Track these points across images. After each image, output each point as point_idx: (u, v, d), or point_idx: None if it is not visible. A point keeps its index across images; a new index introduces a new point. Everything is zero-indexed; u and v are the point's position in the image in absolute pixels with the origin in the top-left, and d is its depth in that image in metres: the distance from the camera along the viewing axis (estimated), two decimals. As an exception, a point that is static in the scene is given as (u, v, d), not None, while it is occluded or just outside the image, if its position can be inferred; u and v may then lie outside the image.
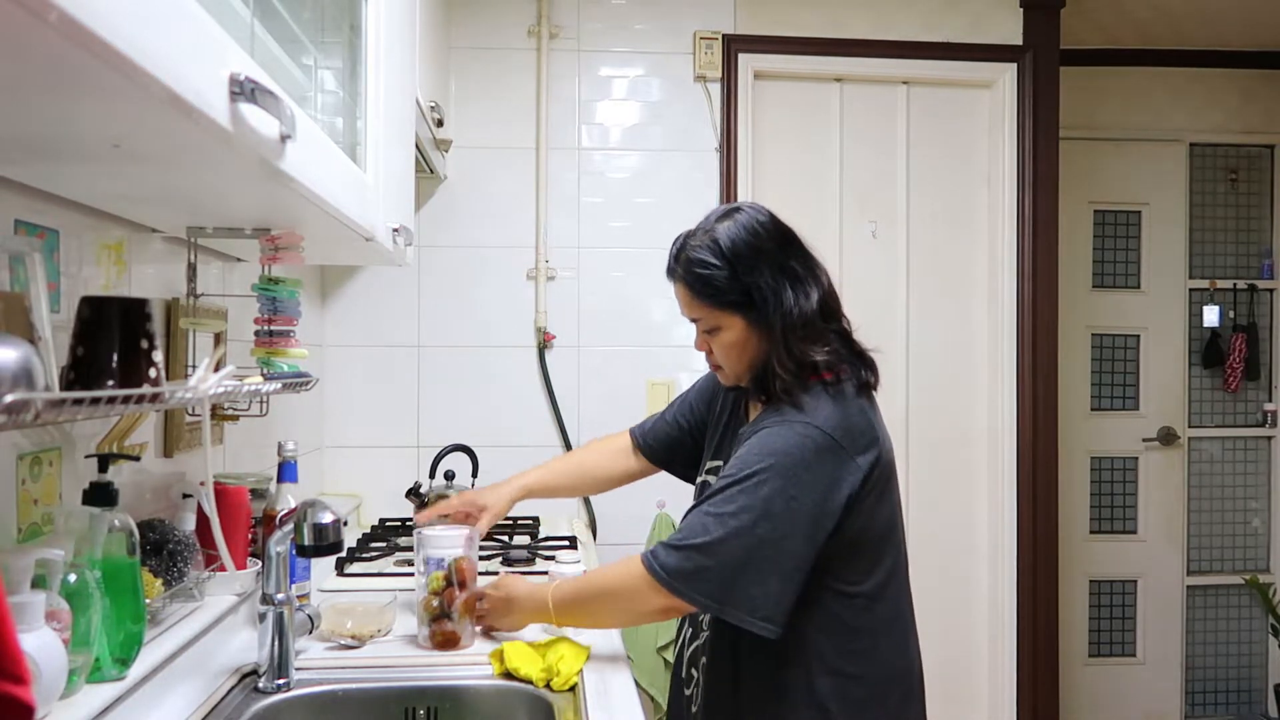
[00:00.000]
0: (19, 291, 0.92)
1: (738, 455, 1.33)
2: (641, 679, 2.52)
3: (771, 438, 1.31)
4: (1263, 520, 3.72)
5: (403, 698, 1.40)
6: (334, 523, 1.28)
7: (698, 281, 1.37)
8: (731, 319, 1.38)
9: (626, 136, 2.77)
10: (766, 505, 1.27)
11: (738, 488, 1.29)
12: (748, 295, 1.36)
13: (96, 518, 1.10)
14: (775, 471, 1.28)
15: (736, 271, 1.36)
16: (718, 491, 1.30)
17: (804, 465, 1.28)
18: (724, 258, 1.36)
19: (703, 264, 1.37)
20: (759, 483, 1.27)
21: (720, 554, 1.27)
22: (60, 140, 0.85)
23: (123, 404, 0.89)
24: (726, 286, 1.36)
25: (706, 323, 1.40)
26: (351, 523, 2.52)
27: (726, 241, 1.37)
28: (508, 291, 2.72)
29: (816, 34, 2.82)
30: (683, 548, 1.29)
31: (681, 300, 1.41)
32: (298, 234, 1.32)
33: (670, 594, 1.29)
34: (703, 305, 1.38)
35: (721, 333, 1.39)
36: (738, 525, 1.27)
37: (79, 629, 1.03)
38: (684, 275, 1.39)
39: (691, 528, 1.30)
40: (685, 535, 1.30)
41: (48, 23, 0.50)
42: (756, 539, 1.26)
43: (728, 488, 1.30)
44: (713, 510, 1.29)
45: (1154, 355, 3.64)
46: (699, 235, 1.40)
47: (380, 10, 1.44)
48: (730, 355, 1.40)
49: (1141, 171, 3.63)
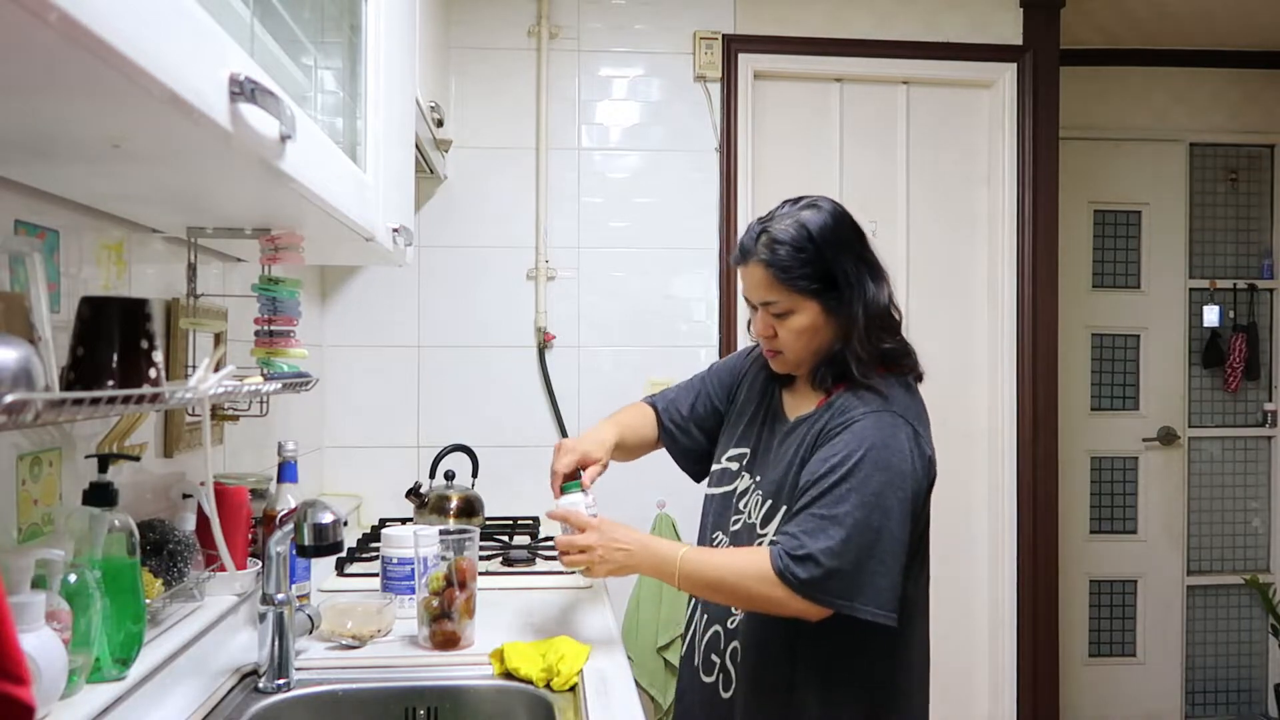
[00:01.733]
0: (19, 291, 0.92)
1: (831, 448, 1.33)
2: (641, 679, 2.52)
3: (866, 430, 1.33)
4: (1263, 520, 3.72)
5: (403, 698, 1.40)
6: (334, 523, 1.28)
7: (780, 264, 1.37)
8: (808, 304, 1.39)
9: (626, 136, 2.77)
10: (877, 498, 1.29)
11: (846, 485, 1.29)
12: (829, 281, 1.38)
13: (96, 518, 1.10)
14: (877, 464, 1.30)
15: (823, 256, 1.38)
16: (827, 490, 1.30)
17: (900, 455, 1.31)
18: (812, 242, 1.38)
19: (789, 246, 1.38)
20: (866, 477, 1.29)
21: (846, 556, 1.27)
22: (60, 140, 0.85)
23: (123, 404, 0.89)
24: (810, 271, 1.38)
25: (780, 306, 1.39)
26: (351, 523, 2.52)
27: (815, 227, 1.38)
28: (508, 291, 2.72)
29: (816, 34, 2.82)
30: (810, 557, 1.28)
31: (754, 283, 1.41)
32: (298, 234, 1.32)
33: (807, 602, 1.29)
34: (781, 288, 1.39)
35: (794, 317, 1.40)
36: (855, 523, 1.28)
37: (79, 629, 1.03)
38: (766, 258, 1.39)
39: (812, 533, 1.29)
40: (808, 543, 1.29)
41: (48, 23, 0.50)
42: (874, 533, 1.28)
43: (836, 485, 1.30)
44: (827, 512, 1.29)
45: (1154, 355, 3.64)
46: (783, 220, 1.40)
47: (380, 10, 1.44)
48: (799, 340, 1.41)
49: (1141, 171, 3.63)
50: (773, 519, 1.40)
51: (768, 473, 1.44)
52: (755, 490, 1.46)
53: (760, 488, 1.44)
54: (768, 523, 1.41)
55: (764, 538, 1.39)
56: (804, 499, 1.33)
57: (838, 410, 1.38)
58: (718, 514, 1.53)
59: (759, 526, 1.42)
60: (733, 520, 1.49)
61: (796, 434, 1.42)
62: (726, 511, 1.51)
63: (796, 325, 1.40)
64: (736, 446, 1.54)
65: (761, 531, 1.41)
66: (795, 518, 1.33)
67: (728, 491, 1.52)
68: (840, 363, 1.40)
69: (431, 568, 1.56)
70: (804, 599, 1.29)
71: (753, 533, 1.43)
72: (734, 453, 1.54)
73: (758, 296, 1.42)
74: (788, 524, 1.34)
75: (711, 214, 2.76)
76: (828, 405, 1.41)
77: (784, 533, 1.33)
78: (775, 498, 1.40)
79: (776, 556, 1.31)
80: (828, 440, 1.36)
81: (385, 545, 1.74)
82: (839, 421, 1.36)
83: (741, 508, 1.48)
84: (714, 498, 1.56)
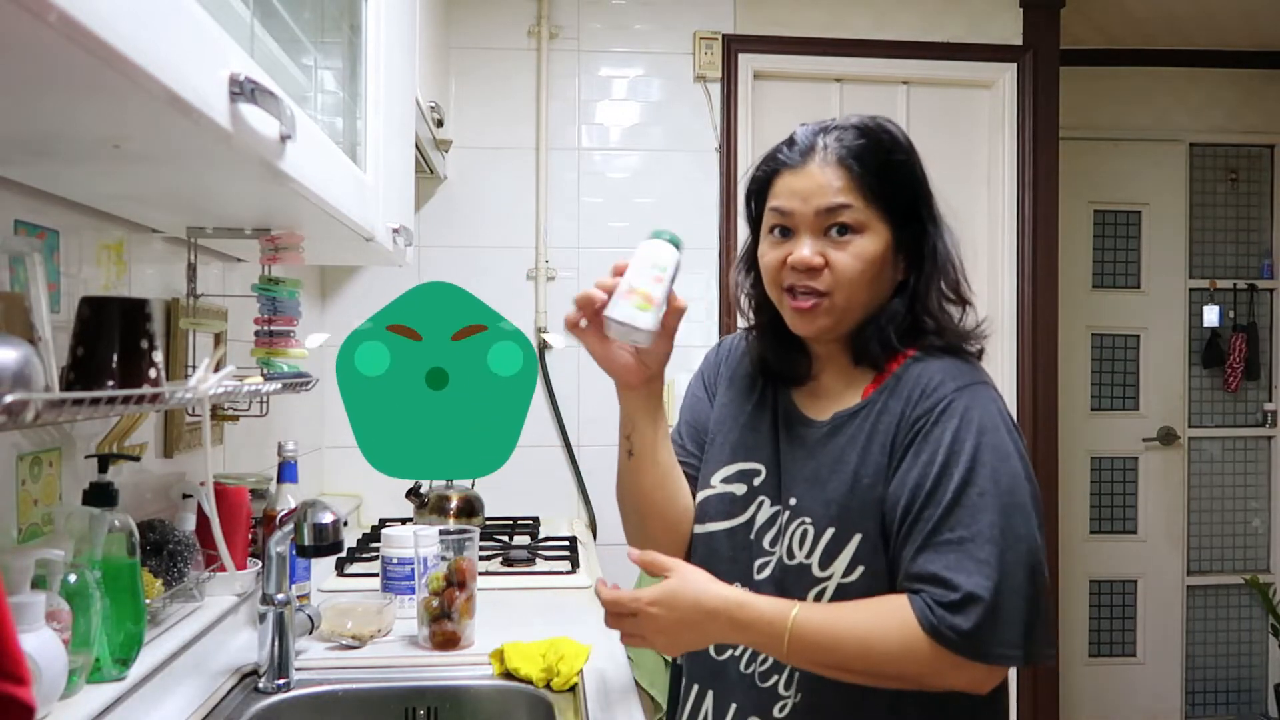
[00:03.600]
0: (19, 291, 0.92)
1: (932, 444, 1.01)
2: (641, 679, 2.52)
3: (970, 410, 1.02)
4: (1263, 520, 3.72)
5: (403, 698, 1.40)
6: (334, 523, 1.28)
7: (862, 159, 1.06)
8: (882, 227, 1.07)
9: (626, 136, 2.77)
10: (1012, 497, 0.99)
11: (975, 490, 0.98)
12: (911, 207, 1.09)
13: (96, 518, 1.10)
14: (998, 453, 1.00)
15: (912, 169, 1.10)
16: (953, 502, 0.98)
17: (1012, 436, 1.03)
18: (902, 149, 1.10)
19: (873, 143, 1.07)
20: (993, 472, 0.99)
21: (1008, 583, 0.95)
22: (60, 140, 0.85)
23: (123, 404, 0.89)
24: (896, 181, 1.08)
25: (852, 216, 1.05)
26: (351, 523, 2.51)
27: (900, 133, 1.11)
28: (508, 291, 2.72)
29: (816, 34, 2.81)
30: (970, 598, 0.94)
31: (814, 186, 1.06)
32: (298, 234, 1.32)
33: (979, 665, 0.96)
34: (859, 191, 1.05)
35: (862, 239, 1.05)
36: (1002, 534, 0.97)
37: (79, 629, 1.03)
38: (840, 152, 1.06)
39: (956, 566, 0.96)
40: (960, 580, 0.95)
41: (48, 23, 0.50)
42: (1023, 545, 0.98)
43: (962, 492, 0.98)
44: (965, 532, 0.97)
45: (1154, 355, 3.64)
46: (851, 121, 1.10)
47: (380, 10, 1.44)
48: (862, 274, 1.05)
49: (1141, 171, 3.63)
50: (839, 554, 1.03)
51: (810, 492, 1.07)
52: (793, 518, 1.08)
53: (802, 513, 1.07)
54: (832, 560, 1.04)
55: (827, 582, 1.04)
56: (921, 521, 0.99)
57: (915, 389, 1.05)
58: (730, 558, 1.13)
59: (817, 567, 1.04)
60: (759, 563, 1.11)
61: (845, 433, 1.07)
62: (743, 553, 1.12)
63: (866, 250, 1.05)
64: (735, 462, 1.16)
65: (823, 574, 1.04)
66: (920, 551, 0.98)
67: (738, 526, 1.13)
68: (896, 327, 1.08)
69: (431, 568, 1.56)
70: (973, 659, 0.95)
71: (806, 577, 1.06)
72: (732, 471, 1.16)
73: (820, 200, 1.05)
74: (912, 562, 0.98)
75: (711, 214, 2.76)
76: (888, 387, 1.07)
77: (915, 575, 0.98)
78: (839, 523, 1.04)
79: (922, 612, 0.96)
80: (919, 434, 1.02)
81: (385, 545, 1.74)
82: (929, 405, 1.03)
83: (770, 545, 1.10)
84: (714, 536, 1.15)
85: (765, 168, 1.13)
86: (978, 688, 0.98)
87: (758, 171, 1.14)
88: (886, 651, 0.97)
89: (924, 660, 0.96)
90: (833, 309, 1.07)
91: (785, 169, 1.10)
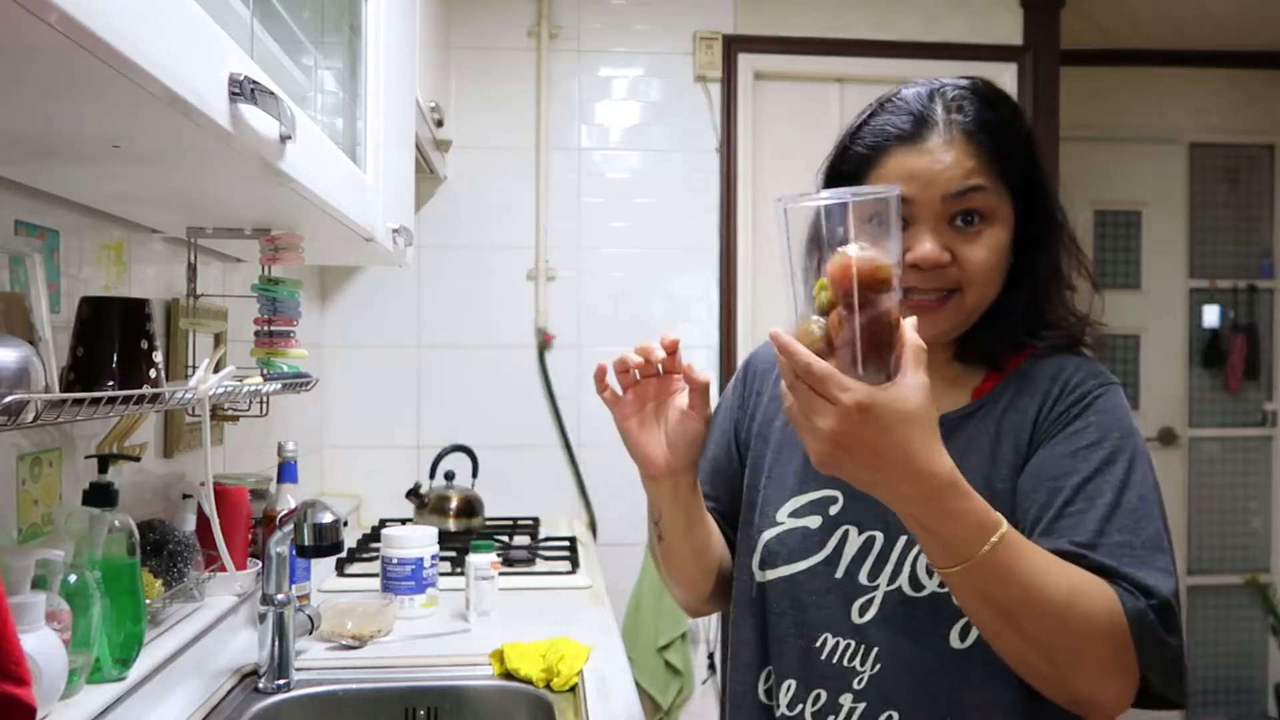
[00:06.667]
0: (19, 291, 0.92)
1: (1081, 438, 0.90)
2: (641, 679, 2.52)
3: (1115, 407, 0.92)
4: (1263, 520, 3.72)
5: (403, 698, 1.40)
6: (334, 523, 1.28)
7: (995, 130, 0.92)
8: (1009, 209, 0.93)
9: (627, 137, 2.77)
10: (1159, 505, 0.89)
11: (1135, 493, 0.88)
12: (1035, 180, 0.96)
13: (96, 518, 1.10)
14: (1139, 454, 0.90)
15: (1032, 143, 0.97)
16: (1116, 502, 0.87)
17: (1142, 438, 0.93)
18: (1019, 118, 0.97)
19: (1001, 112, 0.94)
20: (1143, 478, 0.89)
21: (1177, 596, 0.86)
22: (60, 140, 0.85)
23: (123, 404, 0.89)
24: (1025, 154, 0.95)
25: (983, 201, 0.91)
26: (351, 523, 2.52)
27: (1017, 103, 1.00)
28: (508, 291, 2.72)
29: (817, 34, 2.81)
30: (1169, 607, 0.84)
31: (944, 164, 0.90)
32: (298, 234, 1.32)
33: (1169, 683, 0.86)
34: (992, 171, 0.91)
35: (994, 226, 0.92)
36: (1167, 541, 0.87)
37: (79, 629, 1.03)
38: (976, 118, 0.92)
39: (1144, 566, 0.84)
40: (1159, 583, 0.83)
41: (48, 23, 0.50)
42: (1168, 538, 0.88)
43: (1123, 493, 0.87)
44: (1135, 538, 0.86)
45: (1154, 355, 3.64)
46: (975, 82, 0.97)
47: (380, 10, 1.44)
48: (996, 269, 0.92)
49: (1141, 171, 3.63)
50: None
51: None
52: (910, 544, 0.93)
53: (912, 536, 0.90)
54: None
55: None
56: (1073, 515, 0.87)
57: (1054, 387, 0.94)
58: (815, 604, 0.96)
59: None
60: (860, 603, 0.94)
61: (961, 437, 0.93)
62: (830, 596, 0.96)
63: (998, 241, 0.92)
64: (805, 492, 1.00)
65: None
66: (1098, 546, 0.85)
67: (818, 564, 0.97)
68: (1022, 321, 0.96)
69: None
70: (1164, 678, 0.84)
71: (943, 609, 0.90)
72: (803, 503, 1.00)
73: (948, 185, 0.90)
74: (1097, 551, 0.84)
75: (711, 214, 2.76)
76: (1010, 385, 0.96)
77: (1112, 571, 0.83)
78: None
79: (1134, 607, 0.81)
80: (1063, 427, 0.91)
81: (385, 545, 1.74)
82: (1072, 400, 0.92)
83: (869, 580, 0.94)
84: (793, 581, 0.98)
85: (870, 140, 0.94)
86: (1107, 707, 0.84)
87: (858, 146, 0.96)
88: (1090, 615, 0.80)
89: (1116, 644, 0.81)
90: (962, 308, 0.92)
91: (897, 143, 0.92)
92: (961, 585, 0.80)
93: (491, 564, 1.69)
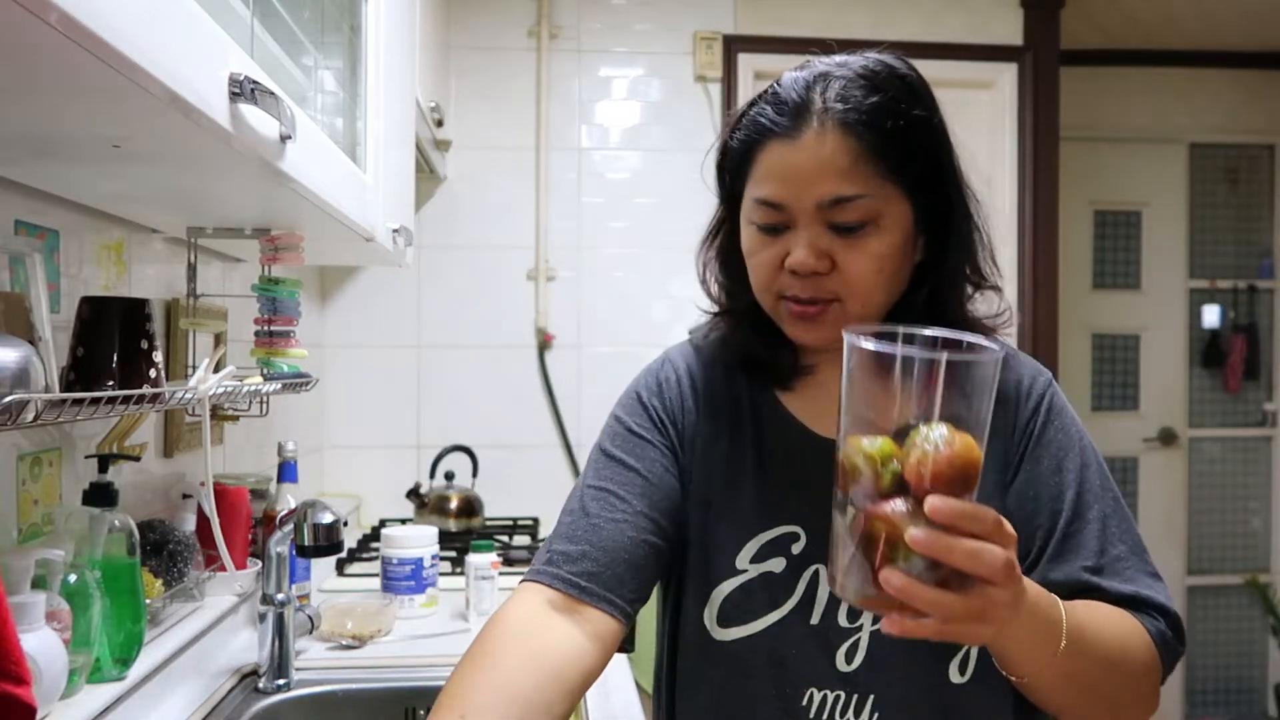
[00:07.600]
0: (19, 291, 0.92)
1: (1061, 450, 0.89)
2: (642, 679, 2.52)
3: (1068, 408, 0.93)
4: (1263, 520, 3.72)
5: (403, 698, 1.40)
6: (334, 523, 1.28)
7: (876, 124, 0.81)
8: (902, 205, 0.84)
9: (627, 137, 2.77)
10: (1110, 479, 0.91)
11: (1112, 495, 0.89)
12: (938, 174, 0.86)
13: (96, 518, 1.10)
14: (1093, 448, 0.92)
15: (937, 129, 0.86)
16: (1112, 510, 0.88)
17: None
18: (930, 98, 0.86)
19: (888, 96, 0.82)
20: (1102, 470, 0.90)
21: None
22: (60, 140, 0.85)
23: (123, 404, 0.89)
24: (922, 144, 0.84)
25: (863, 209, 0.81)
26: (351, 523, 2.52)
27: (914, 77, 0.86)
28: (508, 291, 2.72)
29: (817, 34, 2.81)
30: (1179, 620, 0.86)
31: (818, 164, 0.81)
32: (298, 234, 1.32)
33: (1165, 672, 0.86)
34: (873, 169, 0.81)
35: (880, 230, 0.82)
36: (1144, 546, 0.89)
37: (79, 629, 1.03)
38: (848, 115, 0.81)
39: (1146, 580, 0.86)
40: (1167, 608, 0.85)
41: (48, 23, 0.50)
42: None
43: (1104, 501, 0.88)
44: (1125, 549, 0.86)
45: (1154, 355, 3.65)
46: (854, 64, 0.84)
47: (380, 10, 1.44)
48: (880, 275, 0.83)
49: (1141, 171, 3.63)
50: None
51: None
52: None
53: None
54: None
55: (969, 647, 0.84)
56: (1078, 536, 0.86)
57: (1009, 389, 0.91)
58: (795, 655, 0.87)
59: None
60: (845, 649, 0.86)
61: None
62: (810, 644, 0.87)
63: (883, 246, 0.83)
64: (763, 531, 0.89)
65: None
66: (1104, 568, 0.85)
67: (790, 614, 0.87)
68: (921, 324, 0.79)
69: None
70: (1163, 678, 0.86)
71: (941, 646, 0.84)
72: (762, 543, 0.88)
73: (822, 188, 0.81)
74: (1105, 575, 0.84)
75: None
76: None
77: (1131, 598, 0.84)
78: None
79: (1156, 630, 0.83)
80: (1033, 438, 0.89)
81: (385, 545, 1.75)
82: (1034, 405, 0.91)
83: (850, 621, 0.86)
84: (769, 635, 0.88)
85: (743, 134, 0.87)
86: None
87: (731, 140, 0.89)
88: (1137, 658, 0.81)
89: (1153, 674, 0.83)
90: (843, 318, 0.83)
91: (772, 138, 0.83)
92: (1049, 677, 0.76)
93: (492, 564, 1.69)
